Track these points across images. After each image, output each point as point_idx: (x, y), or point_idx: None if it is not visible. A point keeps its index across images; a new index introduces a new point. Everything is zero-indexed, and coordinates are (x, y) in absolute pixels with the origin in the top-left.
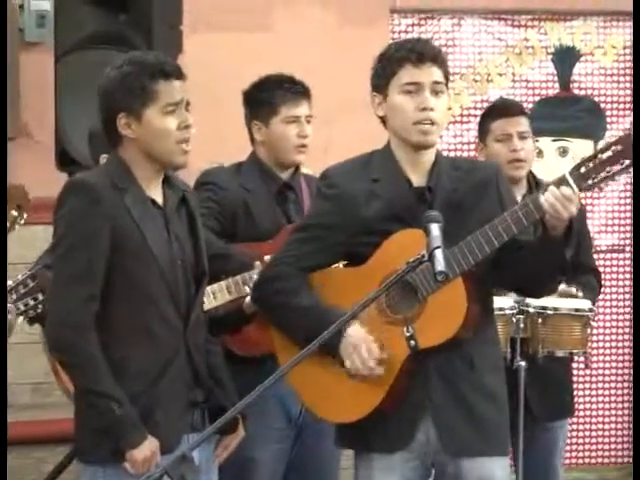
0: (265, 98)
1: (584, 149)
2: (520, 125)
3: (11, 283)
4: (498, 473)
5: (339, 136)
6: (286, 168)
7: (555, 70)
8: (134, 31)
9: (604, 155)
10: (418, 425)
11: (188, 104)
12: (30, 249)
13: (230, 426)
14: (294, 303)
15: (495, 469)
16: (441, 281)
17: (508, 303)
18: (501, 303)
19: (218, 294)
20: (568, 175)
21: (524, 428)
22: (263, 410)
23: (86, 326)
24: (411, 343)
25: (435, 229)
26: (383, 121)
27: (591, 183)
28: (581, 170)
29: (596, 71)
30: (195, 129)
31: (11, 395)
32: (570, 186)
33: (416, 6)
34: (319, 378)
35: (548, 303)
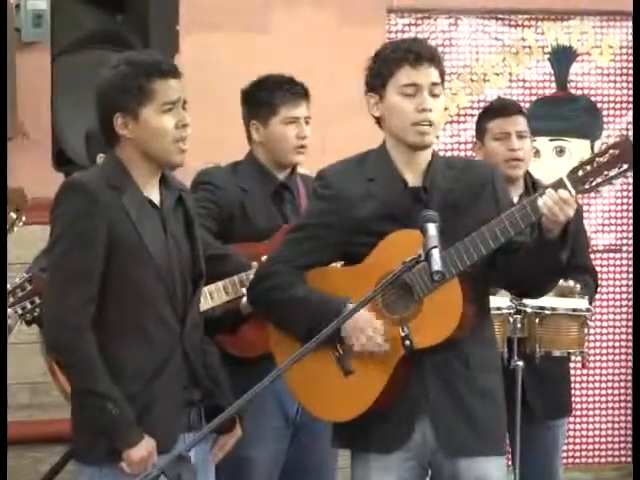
0: (264, 98)
1: (581, 149)
2: (518, 124)
3: (8, 287)
4: (495, 473)
5: (337, 136)
6: (284, 168)
7: (552, 70)
8: (131, 31)
9: (602, 159)
10: (415, 425)
11: (185, 103)
12: (27, 249)
13: (227, 425)
14: (290, 295)
15: (492, 469)
16: (437, 281)
17: (505, 303)
18: (498, 303)
19: (215, 295)
20: (566, 178)
21: (523, 427)
22: (260, 409)
23: (83, 326)
24: (406, 343)
25: (432, 229)
26: (378, 121)
27: (588, 187)
28: (578, 173)
29: (593, 71)
30: (191, 129)
31: (9, 395)
32: (567, 189)
33: (413, 6)
34: (314, 377)
35: (545, 303)
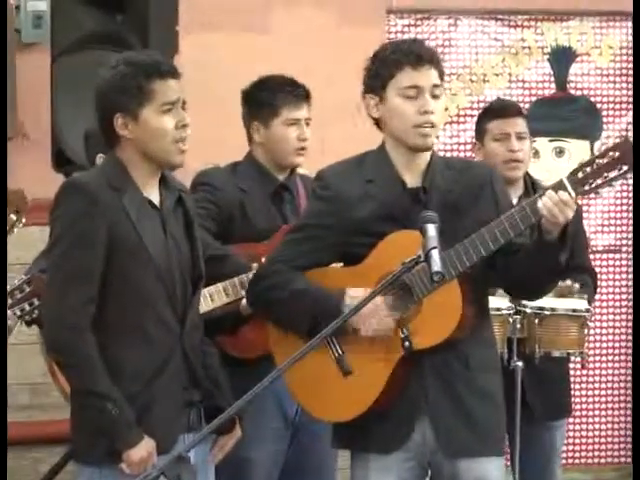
0: (266, 99)
1: (580, 149)
2: (518, 125)
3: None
4: (494, 473)
5: (336, 136)
6: (284, 169)
7: (551, 70)
8: (130, 32)
9: (601, 160)
10: (414, 425)
11: (184, 103)
12: (26, 250)
13: (227, 426)
14: (289, 291)
15: (492, 469)
16: (437, 282)
17: (505, 303)
18: (498, 303)
19: (215, 296)
20: (566, 180)
21: (522, 428)
22: (260, 409)
23: (83, 327)
24: (405, 344)
25: (432, 230)
26: (377, 122)
27: (588, 188)
28: (578, 175)
29: (592, 71)
30: (191, 130)
31: (9, 395)
32: (567, 191)
33: (412, 6)
34: (314, 378)
35: (545, 304)
